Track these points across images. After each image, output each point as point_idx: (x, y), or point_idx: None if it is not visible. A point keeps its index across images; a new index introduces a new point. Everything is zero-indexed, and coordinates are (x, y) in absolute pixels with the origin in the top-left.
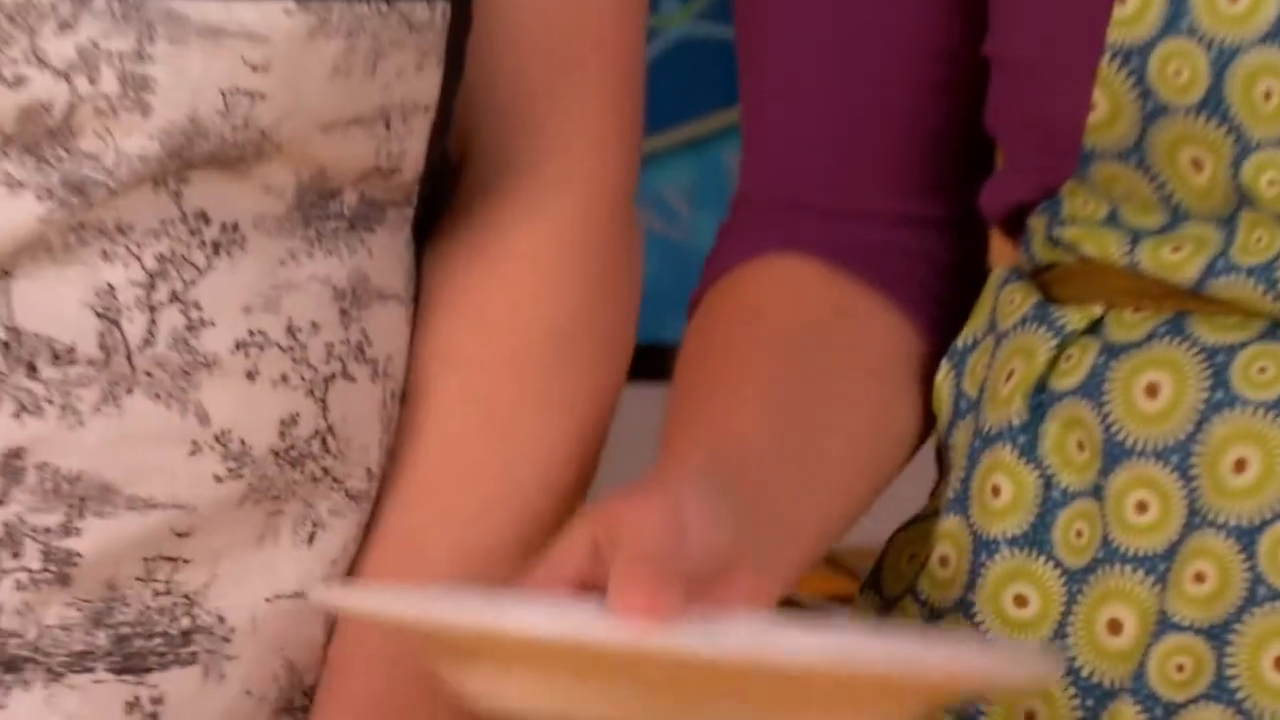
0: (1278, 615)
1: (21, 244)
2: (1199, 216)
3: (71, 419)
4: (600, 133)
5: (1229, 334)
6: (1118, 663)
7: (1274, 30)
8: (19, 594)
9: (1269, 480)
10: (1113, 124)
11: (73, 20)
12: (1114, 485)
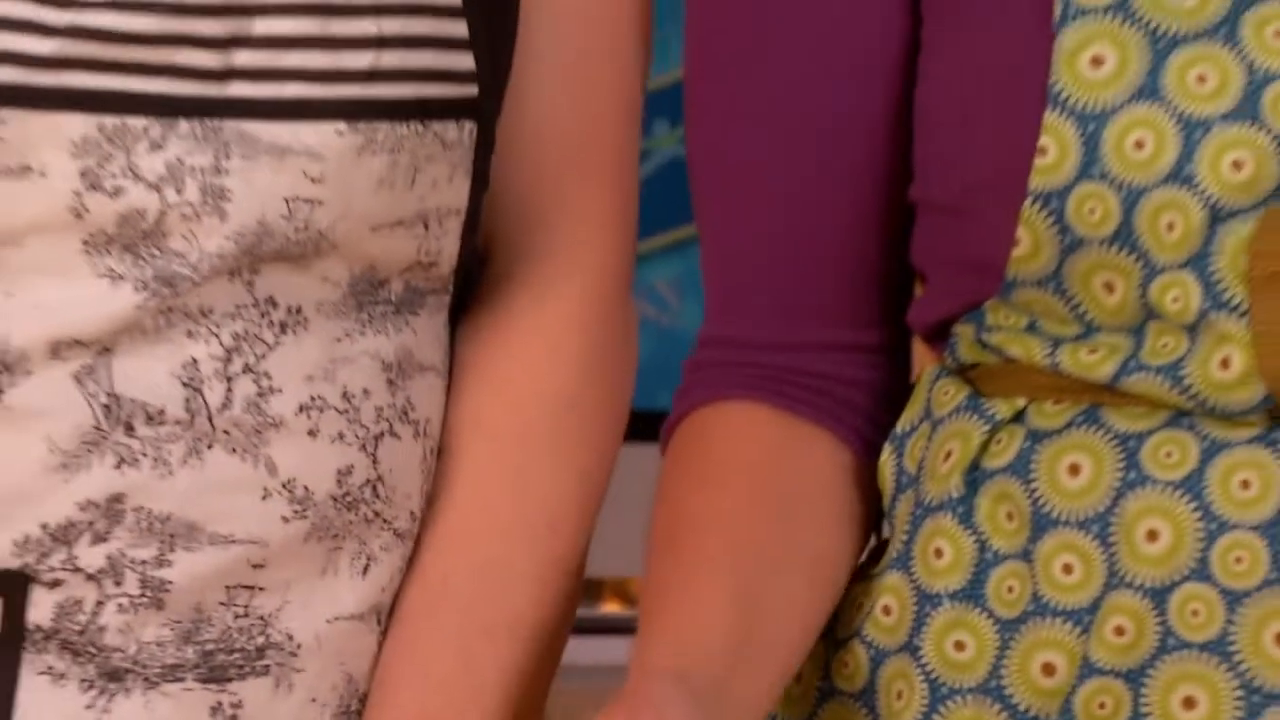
0: (1185, 662)
1: (120, 326)
2: (1110, 328)
3: (162, 469)
4: (601, 231)
5: (1139, 423)
6: (1049, 699)
7: (1174, 172)
8: (121, 616)
9: (1178, 549)
10: (1034, 257)
11: (161, 141)
12: (1042, 550)
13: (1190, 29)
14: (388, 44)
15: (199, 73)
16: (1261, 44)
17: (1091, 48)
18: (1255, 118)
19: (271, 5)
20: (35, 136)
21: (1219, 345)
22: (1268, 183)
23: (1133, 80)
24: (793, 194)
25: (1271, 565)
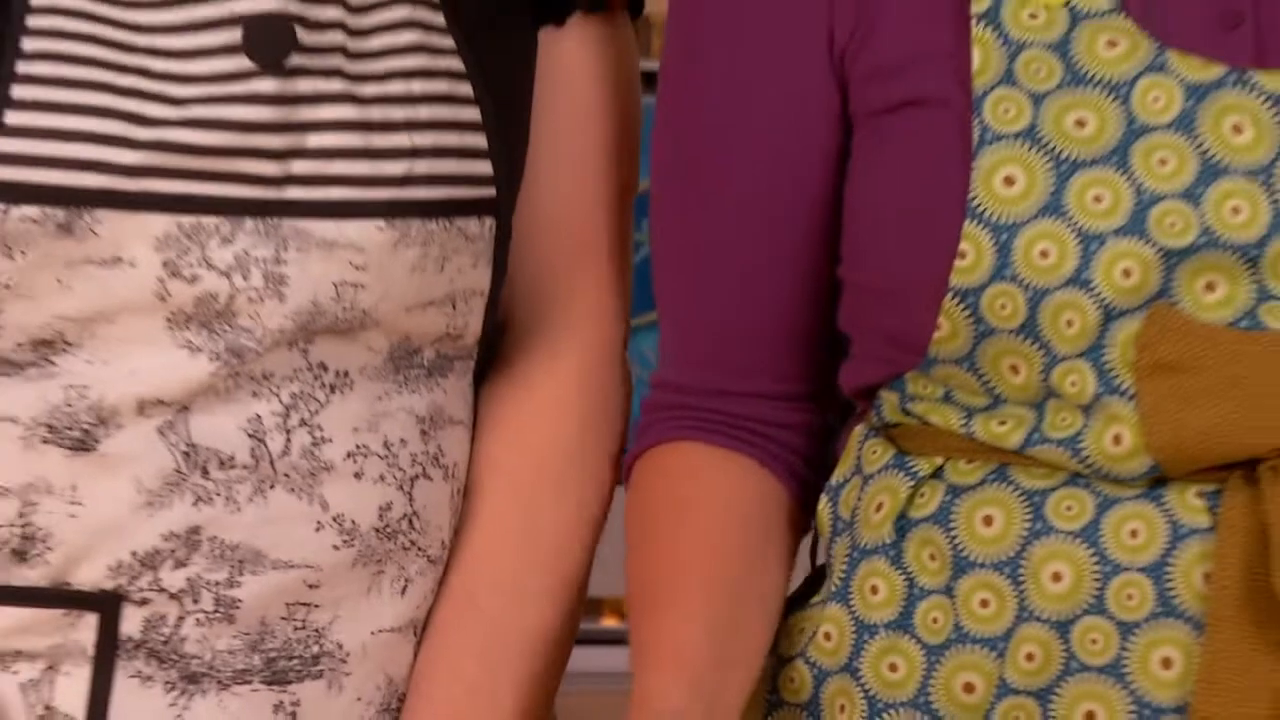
0: (1086, 683)
1: (197, 389)
2: (1015, 402)
3: (232, 506)
4: (599, 307)
5: (1042, 481)
6: (970, 713)
7: (1074, 277)
8: (198, 629)
9: (1078, 587)
10: (952, 340)
11: (231, 236)
12: (961, 587)
13: (1088, 155)
14: (419, 154)
15: (262, 179)
16: (1148, 170)
17: (1004, 169)
18: (1142, 233)
19: (322, 122)
20: (125, 233)
21: (1110, 424)
22: (1152, 286)
23: (1039, 198)
24: (735, 269)
25: (1157, 601)
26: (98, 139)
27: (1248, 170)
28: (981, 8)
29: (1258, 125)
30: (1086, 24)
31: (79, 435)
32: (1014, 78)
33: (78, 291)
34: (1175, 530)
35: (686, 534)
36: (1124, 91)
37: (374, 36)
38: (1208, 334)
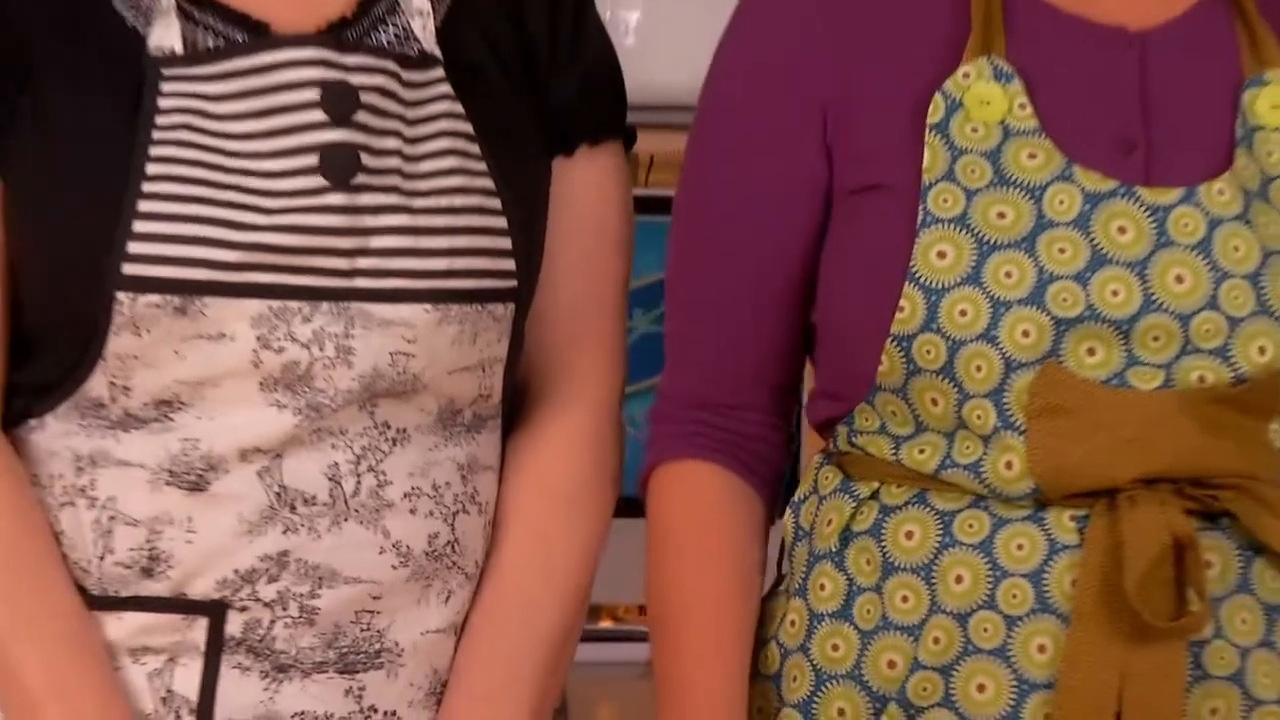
0: (979, 662)
1: (286, 440)
2: (934, 430)
3: (314, 535)
4: (600, 374)
5: (952, 504)
6: (891, 684)
7: (984, 334)
8: (286, 630)
9: (975, 588)
10: (890, 374)
11: (310, 316)
12: (888, 586)
13: (1005, 240)
14: (458, 253)
15: (335, 272)
16: (1050, 255)
17: (939, 245)
18: (1040, 304)
19: (382, 228)
20: (227, 315)
21: (1004, 452)
22: (1045, 347)
23: (963, 270)
24: (729, 308)
25: (1035, 600)
26: (205, 242)
27: (1126, 262)
28: (935, 119)
29: (1138, 228)
30: (1014, 139)
31: (194, 479)
32: (954, 175)
33: (190, 361)
34: (1052, 546)
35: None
36: (1037, 194)
37: (424, 161)
38: (1085, 388)
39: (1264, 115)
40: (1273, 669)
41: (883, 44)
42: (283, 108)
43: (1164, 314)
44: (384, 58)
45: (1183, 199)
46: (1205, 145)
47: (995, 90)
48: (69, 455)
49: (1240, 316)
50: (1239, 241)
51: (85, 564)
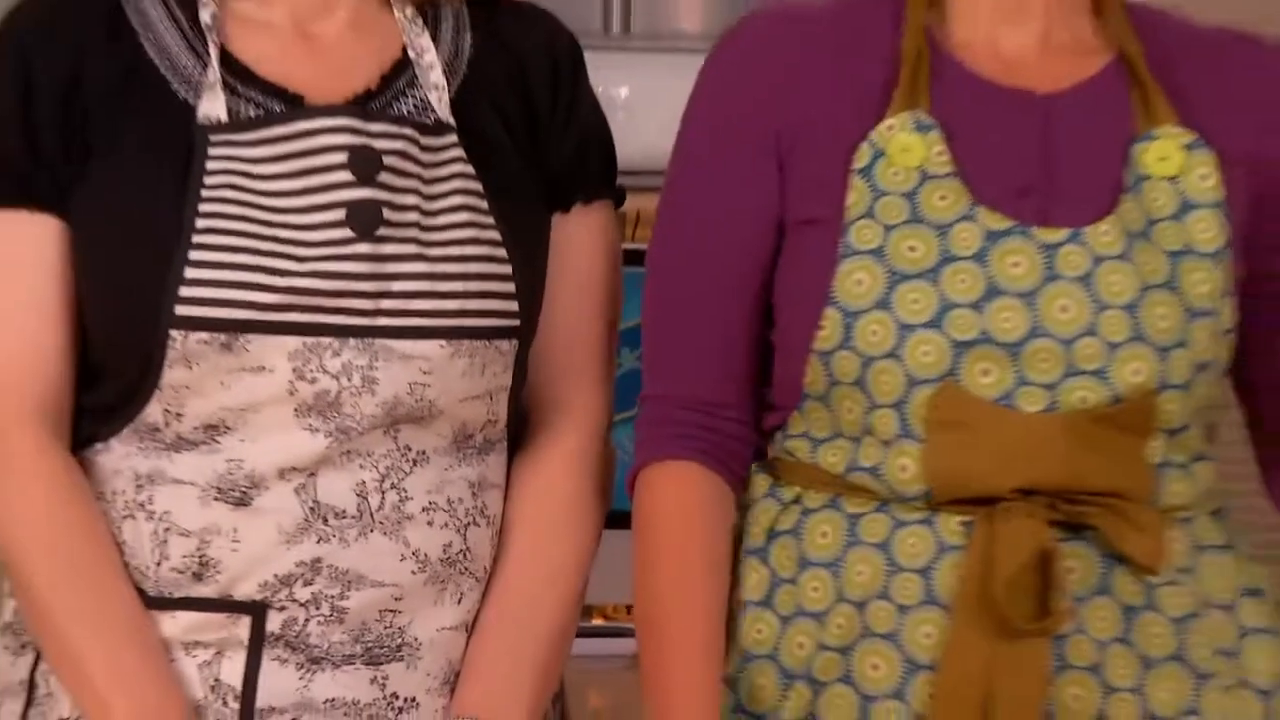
0: (874, 645)
1: (318, 460)
2: (845, 435)
3: (343, 544)
4: (592, 401)
5: (859, 508)
6: (800, 663)
7: (891, 353)
8: (319, 627)
9: (874, 580)
10: (815, 384)
11: (339, 350)
12: (802, 579)
13: (913, 271)
14: (469, 296)
15: (360, 312)
16: (951, 286)
17: (857, 274)
18: (940, 328)
19: (402, 274)
20: (266, 350)
21: (901, 456)
22: (945, 366)
23: (876, 296)
24: (704, 319)
25: (924, 593)
26: (248, 286)
27: (1018, 293)
28: (861, 165)
29: (1030, 263)
30: (929, 182)
31: (239, 495)
32: (874, 213)
33: (234, 391)
34: (940, 546)
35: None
36: (945, 231)
37: (439, 216)
38: (977, 406)
39: (1151, 166)
40: (1128, 661)
41: (825, 96)
42: (314, 169)
43: (1049, 339)
44: (404, 125)
45: (1070, 238)
46: (1095, 192)
47: (916, 139)
48: (130, 474)
49: (1117, 342)
50: (1118, 276)
51: (144, 569)
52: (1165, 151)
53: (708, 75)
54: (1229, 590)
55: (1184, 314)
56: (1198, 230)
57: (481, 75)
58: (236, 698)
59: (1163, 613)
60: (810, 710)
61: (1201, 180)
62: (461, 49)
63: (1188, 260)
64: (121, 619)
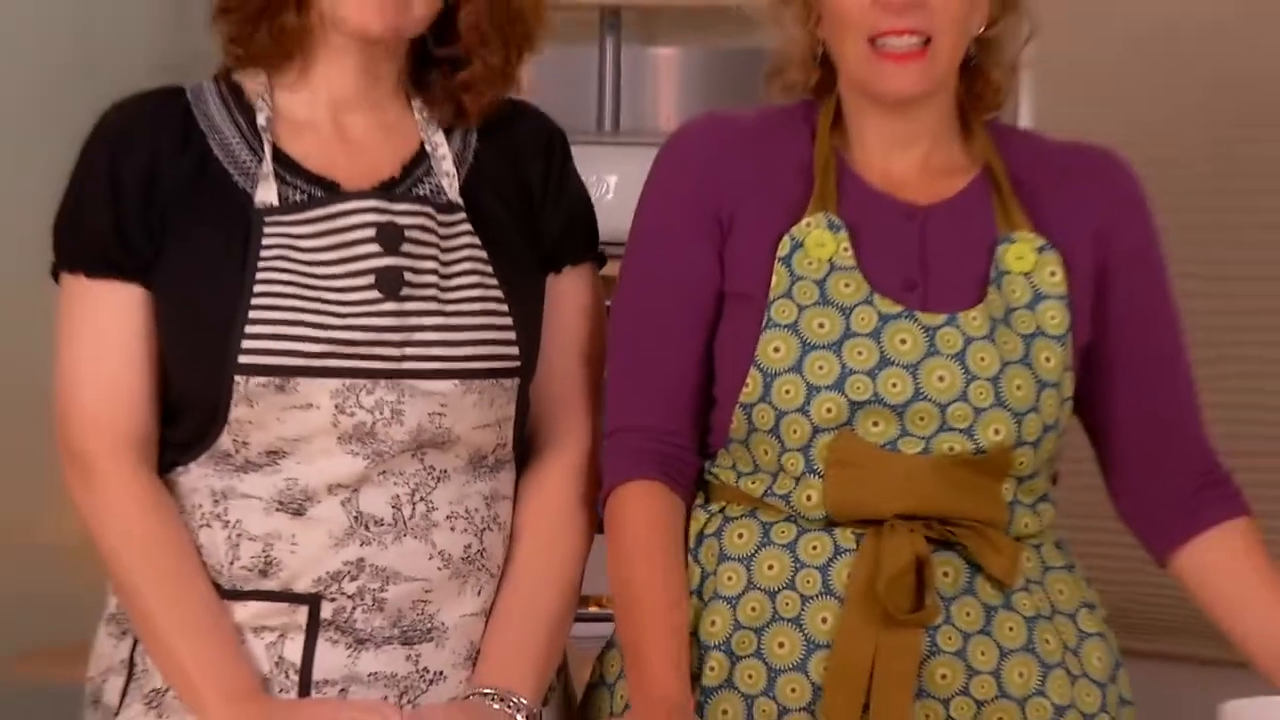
0: (782, 626)
1: (359, 478)
2: (763, 470)
3: (382, 547)
4: (583, 425)
5: (771, 518)
6: (713, 638)
7: (800, 408)
8: (363, 614)
9: (781, 573)
10: (739, 431)
11: (372, 389)
12: (721, 571)
13: (821, 343)
14: (477, 344)
15: (389, 358)
16: (851, 356)
17: (775, 343)
18: (841, 390)
19: (423, 326)
20: (313, 390)
21: (807, 489)
22: (842, 419)
23: (790, 362)
24: (659, 364)
25: (822, 586)
26: (296, 339)
27: (904, 364)
28: (783, 254)
29: (914, 341)
30: (836, 272)
31: (296, 507)
32: (791, 294)
33: (288, 424)
34: (836, 549)
35: (659, 556)
36: (847, 312)
37: (452, 279)
38: (868, 450)
39: (1010, 263)
40: (987, 649)
41: (753, 193)
42: (348, 242)
43: (928, 402)
44: (423, 205)
45: (947, 322)
46: (967, 285)
47: (828, 236)
48: (206, 491)
49: (983, 407)
50: (985, 354)
51: (219, 568)
52: (1021, 252)
53: (658, 170)
54: (1071, 601)
55: (1036, 385)
56: (1047, 318)
57: (485, 163)
58: (296, 671)
59: (1017, 612)
60: (729, 678)
61: (1050, 276)
62: (469, 142)
63: (1039, 341)
64: (202, 611)
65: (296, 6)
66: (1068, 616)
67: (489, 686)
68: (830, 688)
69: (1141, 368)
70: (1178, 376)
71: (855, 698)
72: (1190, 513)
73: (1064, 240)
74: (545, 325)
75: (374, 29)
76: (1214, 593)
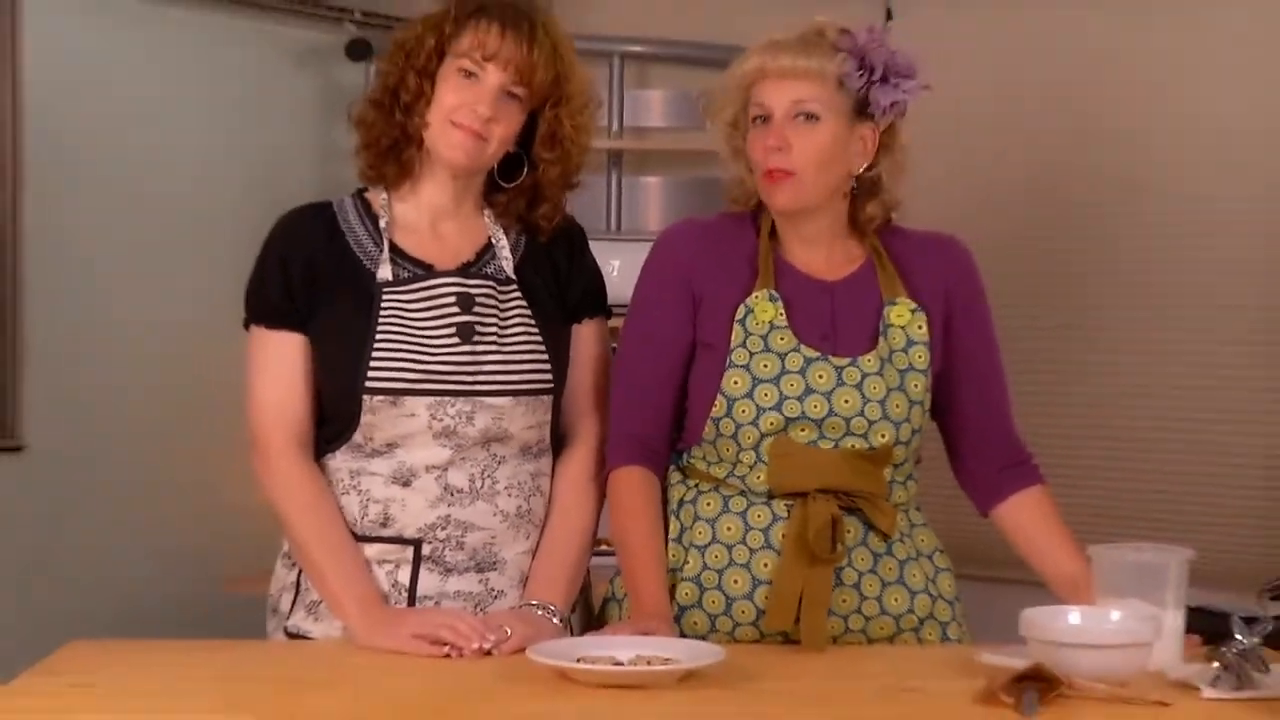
0: (735, 569)
1: (446, 463)
2: (724, 460)
3: (462, 507)
4: (596, 428)
5: (729, 493)
6: (689, 573)
7: (751, 422)
8: (450, 552)
9: (735, 533)
10: (708, 435)
11: (454, 403)
12: (694, 526)
13: (766, 378)
14: (524, 373)
15: (463, 383)
16: (787, 388)
17: (734, 377)
18: (779, 410)
19: (488, 361)
20: (415, 404)
21: (755, 473)
22: (780, 427)
23: (745, 390)
24: (648, 391)
25: (764, 541)
26: (403, 370)
27: (822, 392)
28: (739, 317)
29: (828, 376)
30: (775, 330)
31: (404, 480)
32: (745, 344)
33: (399, 426)
34: (774, 516)
35: (644, 516)
36: (783, 357)
37: (508, 330)
38: (797, 448)
39: (893, 320)
40: (873, 582)
41: (716, 275)
42: (438, 305)
43: (838, 417)
44: (488, 280)
45: (850, 363)
46: (863, 337)
47: (769, 305)
48: (346, 470)
49: (874, 420)
50: (875, 384)
51: (354, 522)
52: (901, 312)
53: (650, 258)
54: (928, 547)
55: (909, 404)
56: (916, 357)
57: (531, 251)
58: (405, 591)
59: (894, 556)
60: (698, 601)
61: (919, 329)
62: (520, 238)
63: (910, 374)
64: (343, 549)
65: (414, 146)
66: (927, 557)
67: (534, 599)
68: (772, 608)
69: (971, 385)
70: (996, 390)
71: (789, 614)
72: (1001, 483)
73: (926, 300)
74: (571, 359)
75: (461, 163)
76: (1018, 536)
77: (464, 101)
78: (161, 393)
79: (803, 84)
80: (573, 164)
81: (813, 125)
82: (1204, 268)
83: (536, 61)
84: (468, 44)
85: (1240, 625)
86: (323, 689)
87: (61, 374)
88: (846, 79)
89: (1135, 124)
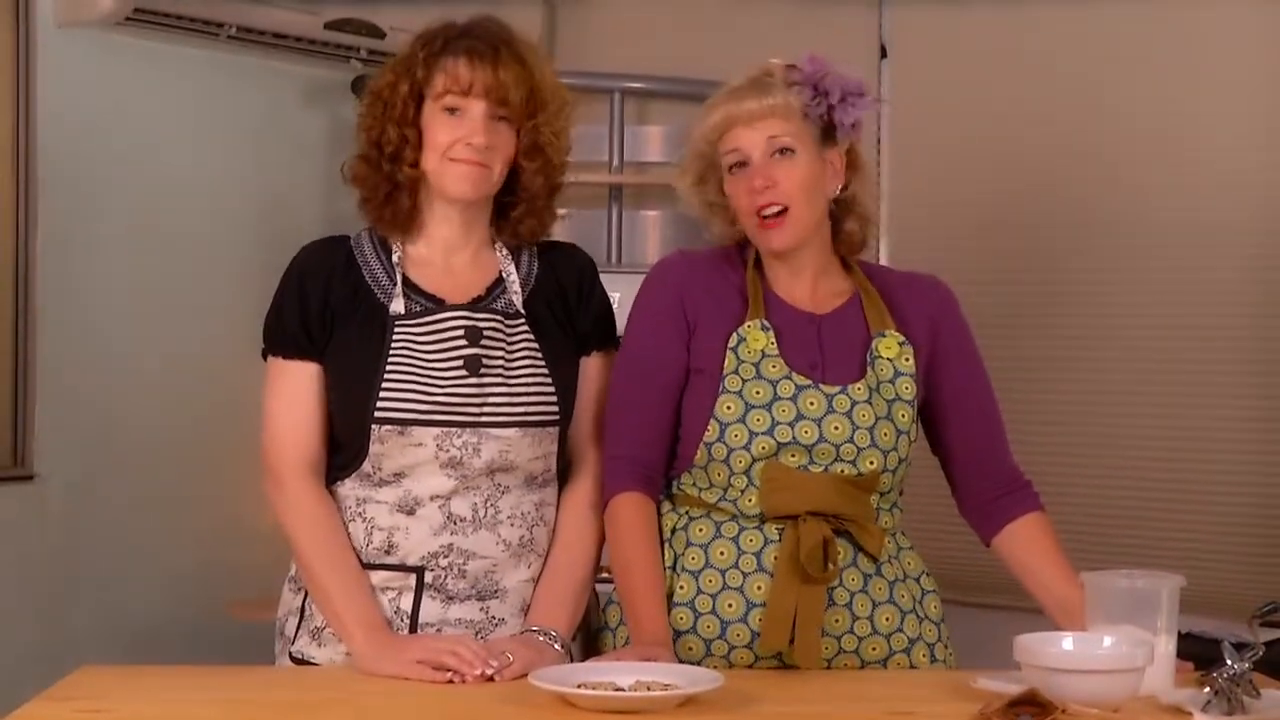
0: (728, 593)
1: (451, 492)
2: (716, 485)
3: (465, 535)
4: (598, 455)
5: (720, 518)
6: (683, 598)
7: (744, 447)
8: (451, 580)
9: (728, 558)
10: (700, 459)
11: (460, 434)
12: (687, 553)
13: (758, 404)
14: (530, 405)
15: (470, 414)
16: (778, 413)
17: (727, 403)
18: (771, 435)
19: (495, 393)
20: (422, 434)
21: (747, 496)
22: (771, 453)
23: (738, 416)
24: (644, 416)
25: (757, 565)
26: (412, 401)
27: (812, 418)
28: (732, 345)
29: (819, 403)
30: (766, 358)
31: (409, 509)
32: (738, 371)
33: (406, 456)
34: (766, 540)
35: (643, 542)
36: (774, 384)
37: (515, 362)
38: (788, 472)
39: (881, 351)
40: (864, 601)
41: (708, 305)
42: (447, 338)
43: (827, 443)
44: (496, 315)
45: (840, 391)
46: (853, 367)
47: (761, 334)
48: (354, 498)
49: (863, 447)
50: (865, 412)
51: (360, 548)
52: (889, 344)
53: (645, 286)
54: (915, 570)
55: (896, 433)
56: (902, 388)
57: (541, 283)
58: (408, 617)
59: (884, 578)
60: (693, 626)
61: (905, 360)
62: (531, 271)
63: (897, 404)
64: (349, 573)
65: (409, 192)
66: (914, 580)
67: (537, 625)
68: (767, 628)
69: (966, 420)
70: (990, 421)
71: (784, 633)
72: (998, 510)
73: (912, 334)
74: (577, 390)
75: (470, 195)
76: (1012, 561)
77: (457, 137)
78: (171, 422)
79: (773, 121)
80: (555, 168)
81: (791, 159)
82: (1193, 295)
83: (508, 82)
84: (442, 84)
85: (1231, 651)
86: (327, 714)
87: (73, 404)
88: (809, 109)
89: (1128, 152)
